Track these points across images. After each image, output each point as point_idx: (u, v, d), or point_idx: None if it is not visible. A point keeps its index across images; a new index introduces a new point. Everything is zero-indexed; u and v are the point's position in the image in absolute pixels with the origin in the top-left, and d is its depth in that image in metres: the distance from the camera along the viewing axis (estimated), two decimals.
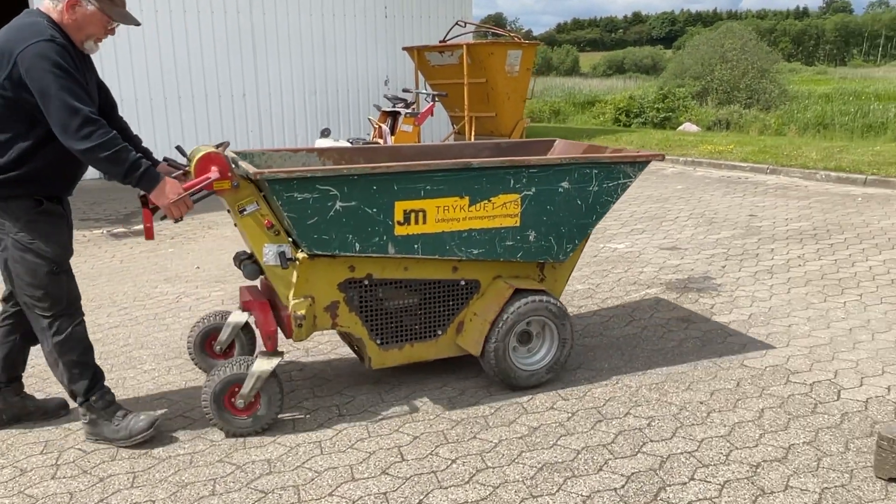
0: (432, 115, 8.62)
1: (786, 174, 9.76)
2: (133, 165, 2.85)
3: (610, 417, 3.30)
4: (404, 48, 11.87)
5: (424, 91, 9.21)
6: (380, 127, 7.16)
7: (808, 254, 5.92)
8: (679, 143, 12.63)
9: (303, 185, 2.93)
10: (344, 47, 13.00)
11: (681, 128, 17.03)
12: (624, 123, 18.71)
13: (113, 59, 10.75)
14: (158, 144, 10.87)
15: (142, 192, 3.02)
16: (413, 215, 3.14)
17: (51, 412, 3.37)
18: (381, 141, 6.83)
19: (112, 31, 3.02)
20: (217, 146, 3.17)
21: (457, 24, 11.70)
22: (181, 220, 3.03)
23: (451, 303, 3.47)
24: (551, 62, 73.21)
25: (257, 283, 3.75)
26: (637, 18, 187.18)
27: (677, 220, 7.37)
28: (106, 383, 3.16)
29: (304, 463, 2.97)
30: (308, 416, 3.37)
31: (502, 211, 3.29)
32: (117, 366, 4.01)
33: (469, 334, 3.48)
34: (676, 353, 4.00)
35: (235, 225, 3.43)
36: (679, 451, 3.00)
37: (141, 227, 7.29)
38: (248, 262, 3.35)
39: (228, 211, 3.34)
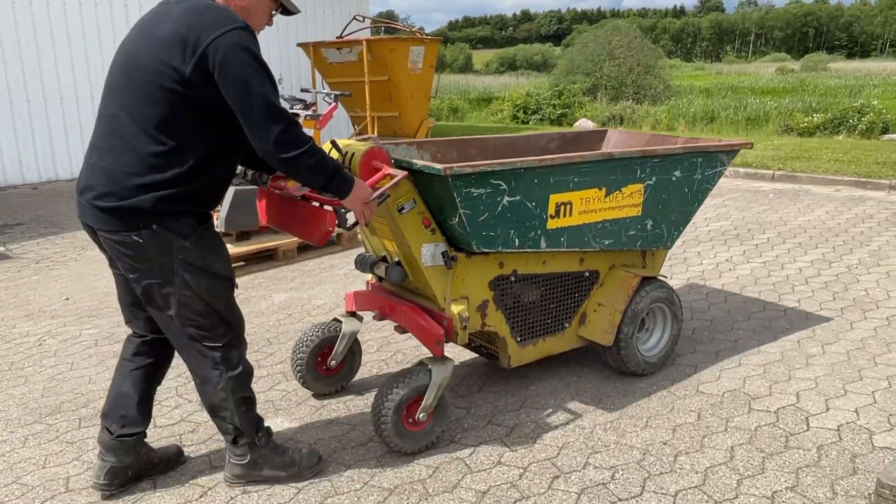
0: (331, 115, 7.98)
1: None
2: (336, 169, 2.47)
3: (568, 471, 2.84)
4: (299, 44, 11.10)
5: (325, 91, 8.55)
6: None
7: (735, 256, 5.71)
8: None
9: (479, 180, 2.79)
10: None
11: (577, 124, 17.05)
12: (522, 120, 18.62)
13: None
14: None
15: (301, 193, 2.67)
16: (563, 208, 3.11)
17: (172, 461, 2.90)
18: None
19: (271, 22, 2.60)
20: (361, 138, 2.69)
21: (355, 18, 11.07)
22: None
23: (576, 294, 3.47)
24: (445, 59, 73.24)
25: (364, 286, 3.49)
26: (526, 16, 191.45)
27: None
28: None
29: None
30: (201, 496, 2.72)
31: (629, 201, 3.32)
32: None
33: (596, 325, 3.47)
34: (627, 382, 3.59)
35: (366, 225, 2.96)
36: None
37: None
38: (392, 265, 3.08)
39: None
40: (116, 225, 2.37)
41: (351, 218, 2.67)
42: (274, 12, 2.58)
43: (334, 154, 2.80)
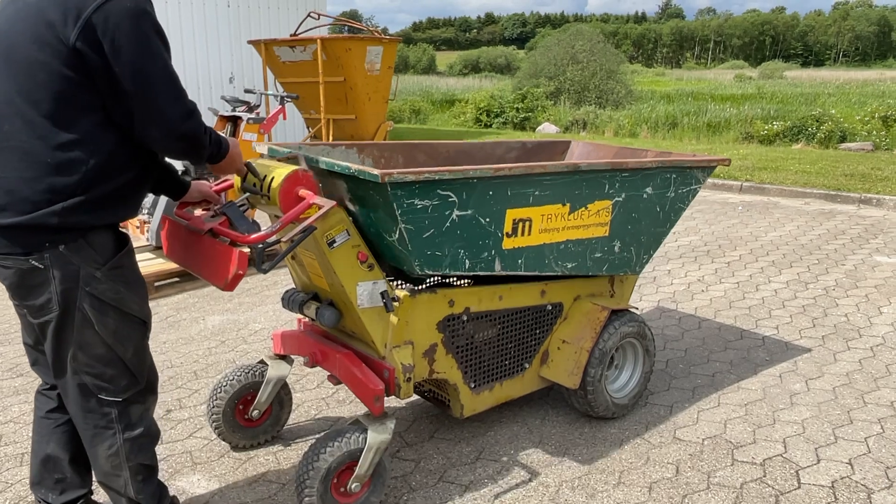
0: (285, 118, 7.49)
1: None
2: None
3: None
4: (250, 42, 10.56)
5: (272, 92, 8.05)
6: None
7: (707, 276, 5.39)
8: None
9: (425, 190, 2.38)
10: (180, 40, 11.47)
11: (539, 128, 16.79)
12: (485, 124, 18.30)
13: None
14: None
15: (209, 226, 2.23)
16: (521, 225, 2.73)
17: None
18: None
19: None
20: (287, 157, 2.43)
21: (309, 15, 10.55)
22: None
23: (537, 331, 3.11)
24: (408, 60, 72.89)
25: (297, 326, 3.03)
26: (490, 19, 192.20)
27: None
28: None
29: None
30: None
31: (595, 219, 2.98)
32: None
33: (560, 365, 3.09)
34: (596, 426, 3.21)
35: (293, 258, 2.61)
36: None
37: None
38: (323, 306, 2.63)
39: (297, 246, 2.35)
40: (11, 246, 1.92)
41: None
42: None
43: (250, 178, 2.35)
